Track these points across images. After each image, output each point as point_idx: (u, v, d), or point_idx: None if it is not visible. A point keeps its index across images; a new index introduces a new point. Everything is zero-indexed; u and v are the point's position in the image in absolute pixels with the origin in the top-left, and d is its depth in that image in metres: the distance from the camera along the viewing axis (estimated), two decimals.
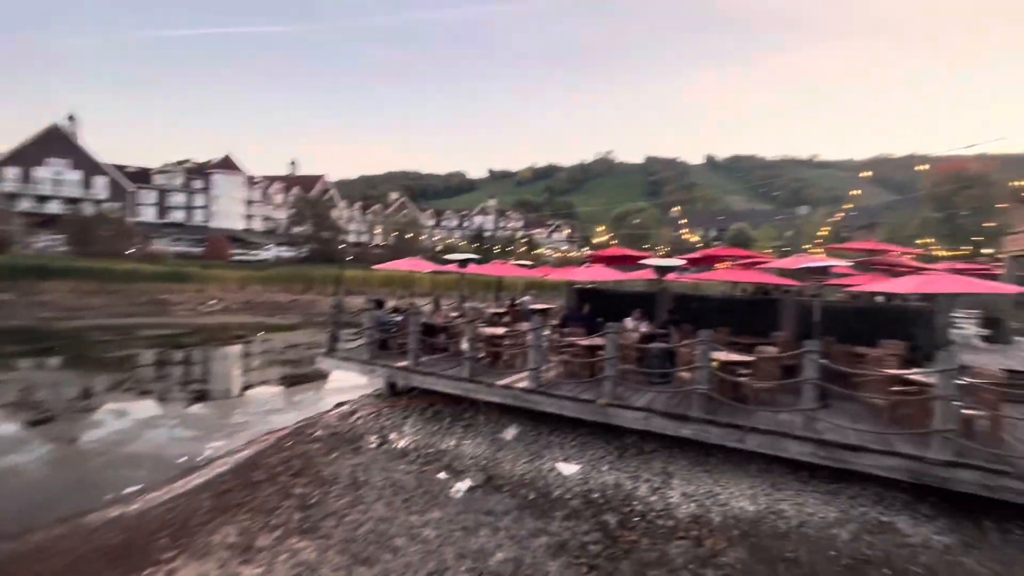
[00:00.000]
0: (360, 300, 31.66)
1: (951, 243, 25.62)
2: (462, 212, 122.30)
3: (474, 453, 8.74)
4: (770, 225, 78.78)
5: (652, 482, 7.48)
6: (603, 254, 14.58)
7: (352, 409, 10.96)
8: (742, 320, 12.20)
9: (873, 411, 7.68)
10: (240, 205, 77.16)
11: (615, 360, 8.11)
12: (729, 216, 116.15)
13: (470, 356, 9.43)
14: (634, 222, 76.35)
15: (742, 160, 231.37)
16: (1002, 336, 14.54)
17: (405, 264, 13.54)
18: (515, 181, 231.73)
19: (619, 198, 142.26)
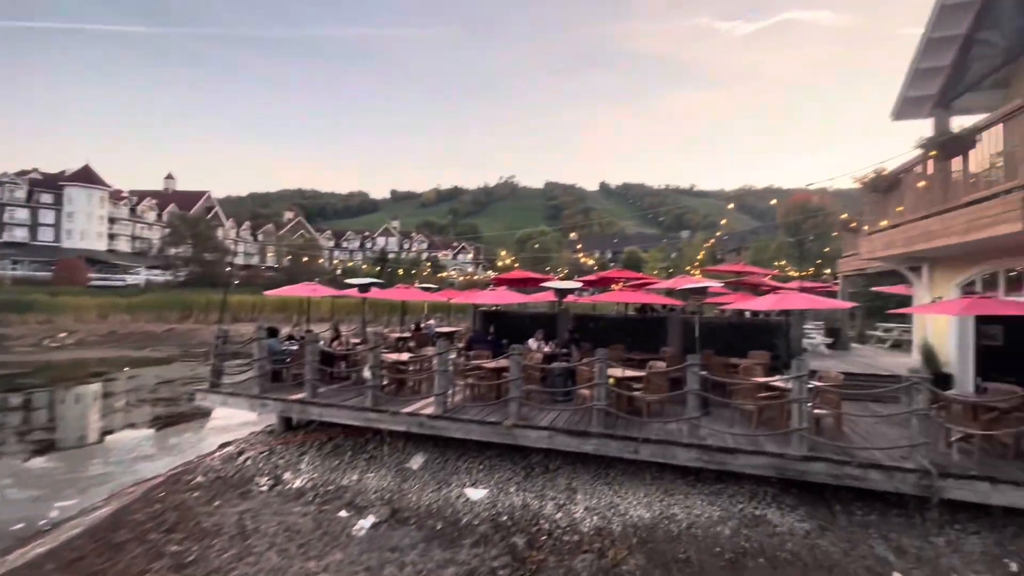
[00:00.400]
0: (250, 328, 29.14)
1: (801, 264, 29.96)
2: (364, 233, 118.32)
3: (378, 486, 8.38)
4: (657, 248, 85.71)
5: (557, 499, 7.69)
6: (507, 277, 14.94)
7: (239, 449, 9.99)
8: (635, 337, 13.12)
9: (745, 416, 8.62)
10: (101, 223, 67.92)
11: (520, 381, 8.30)
12: (622, 239, 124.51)
13: (373, 384, 9.10)
14: (535, 246, 78.97)
15: (632, 188, 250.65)
16: (841, 344, 17.11)
17: (301, 289, 12.75)
18: (419, 203, 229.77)
19: (521, 221, 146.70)
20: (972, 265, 8.92)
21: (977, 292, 8.83)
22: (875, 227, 10.23)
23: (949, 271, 9.53)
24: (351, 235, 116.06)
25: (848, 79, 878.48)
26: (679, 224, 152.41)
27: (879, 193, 10.04)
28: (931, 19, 10.19)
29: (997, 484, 6.18)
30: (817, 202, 42.11)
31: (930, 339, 10.04)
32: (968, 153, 7.48)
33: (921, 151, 8.31)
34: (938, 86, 10.94)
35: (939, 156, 7.94)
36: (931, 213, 8.09)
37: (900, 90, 11.33)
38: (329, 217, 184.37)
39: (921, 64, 10.77)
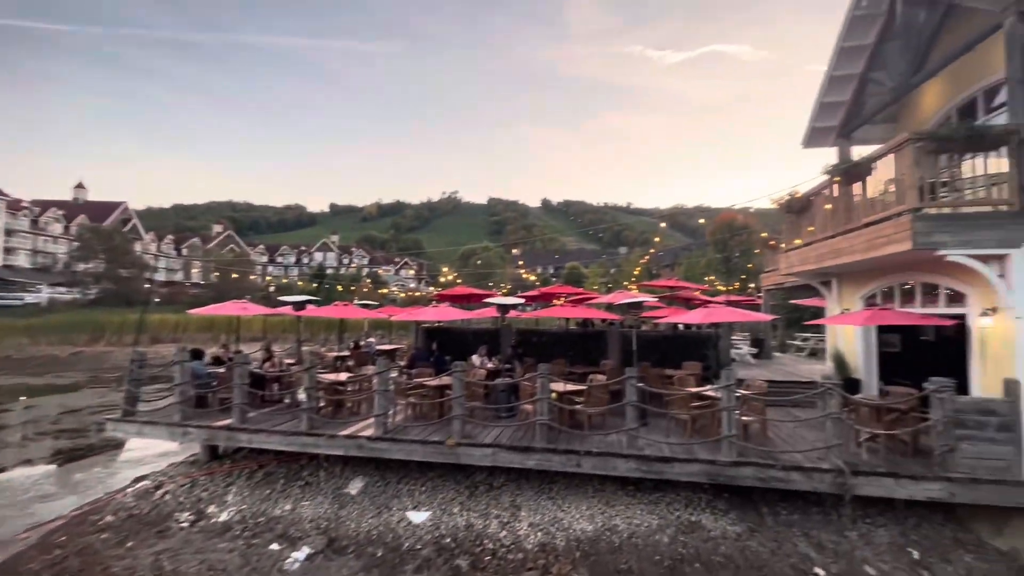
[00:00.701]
0: (172, 349, 27.02)
1: (728, 279, 31.91)
2: (300, 248, 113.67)
3: (314, 515, 7.96)
4: (597, 264, 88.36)
5: (501, 517, 7.63)
6: (449, 293, 14.85)
7: (156, 483, 9.19)
8: (577, 351, 13.39)
9: (680, 425, 8.98)
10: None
11: (463, 398, 8.22)
12: (564, 255, 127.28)
13: (308, 406, 8.69)
14: (478, 262, 79.10)
15: (573, 205, 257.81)
16: (765, 353, 18.30)
17: (229, 307, 12.00)
18: (360, 217, 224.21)
19: (465, 236, 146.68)
20: (873, 280, 9.88)
21: (878, 304, 9.77)
22: (791, 245, 11.11)
23: (854, 285, 10.50)
24: (286, 250, 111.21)
25: (767, 108, 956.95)
26: (617, 240, 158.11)
27: (793, 214, 10.93)
28: (832, 59, 11.34)
29: (900, 479, 6.79)
30: (742, 221, 45.22)
31: (841, 347, 10.96)
32: (866, 179, 8.33)
33: (827, 176, 9.16)
34: (840, 118, 12.15)
35: (842, 181, 8.78)
36: (837, 233, 8.90)
37: (809, 121, 12.47)
38: (263, 231, 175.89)
39: (825, 98, 11.93)
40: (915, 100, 11.17)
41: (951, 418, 6.70)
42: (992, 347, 7.30)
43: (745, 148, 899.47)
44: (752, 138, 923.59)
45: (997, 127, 6.88)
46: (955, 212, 7.00)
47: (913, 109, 11.36)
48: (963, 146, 6.87)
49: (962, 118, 9.63)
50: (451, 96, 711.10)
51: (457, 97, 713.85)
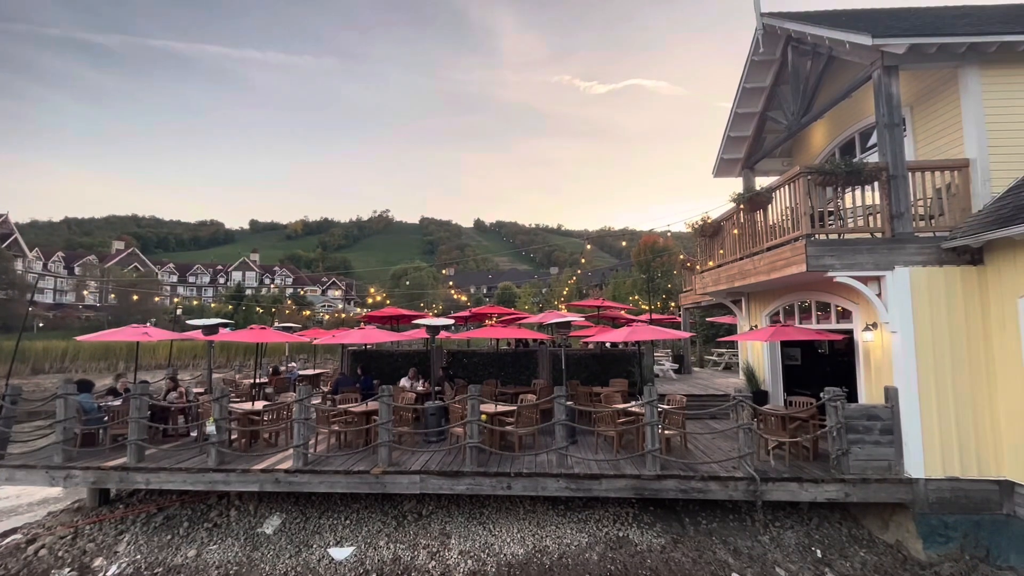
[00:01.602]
0: (56, 381, 23.92)
1: (651, 299, 33.67)
2: (216, 267, 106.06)
3: (222, 560, 7.27)
4: (529, 284, 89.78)
5: (430, 547, 7.38)
6: (378, 314, 14.41)
7: (30, 537, 8.02)
8: (508, 372, 13.43)
9: (608, 441, 9.20)
10: None
11: (390, 424, 7.94)
12: (496, 275, 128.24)
13: (218, 439, 7.99)
14: (407, 283, 77.75)
15: (505, 226, 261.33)
16: (685, 368, 19.32)
17: (128, 333, 10.83)
18: (284, 234, 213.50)
19: (396, 256, 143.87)
20: (776, 298, 10.78)
21: (781, 321, 10.66)
22: (705, 267, 11.90)
23: (761, 303, 11.40)
24: (200, 269, 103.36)
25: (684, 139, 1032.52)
26: (549, 261, 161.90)
27: (706, 238, 11.75)
28: (736, 97, 12.47)
29: (803, 483, 7.34)
30: (663, 243, 47.98)
31: (751, 361, 11.81)
32: (767, 207, 9.15)
33: (733, 204, 9.96)
34: (744, 151, 13.32)
35: (747, 208, 9.58)
36: (744, 255, 9.66)
37: (718, 152, 13.56)
38: (173, 249, 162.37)
39: (731, 132, 13.05)
40: (806, 137, 12.50)
41: (843, 424, 7.38)
42: (874, 358, 8.17)
43: (665, 175, 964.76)
44: (671, 166, 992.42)
45: (870, 164, 7.83)
46: (840, 238, 7.84)
47: (805, 145, 12.70)
48: (844, 180, 7.74)
49: (843, 155, 10.89)
50: (383, 115, 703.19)
51: (390, 116, 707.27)
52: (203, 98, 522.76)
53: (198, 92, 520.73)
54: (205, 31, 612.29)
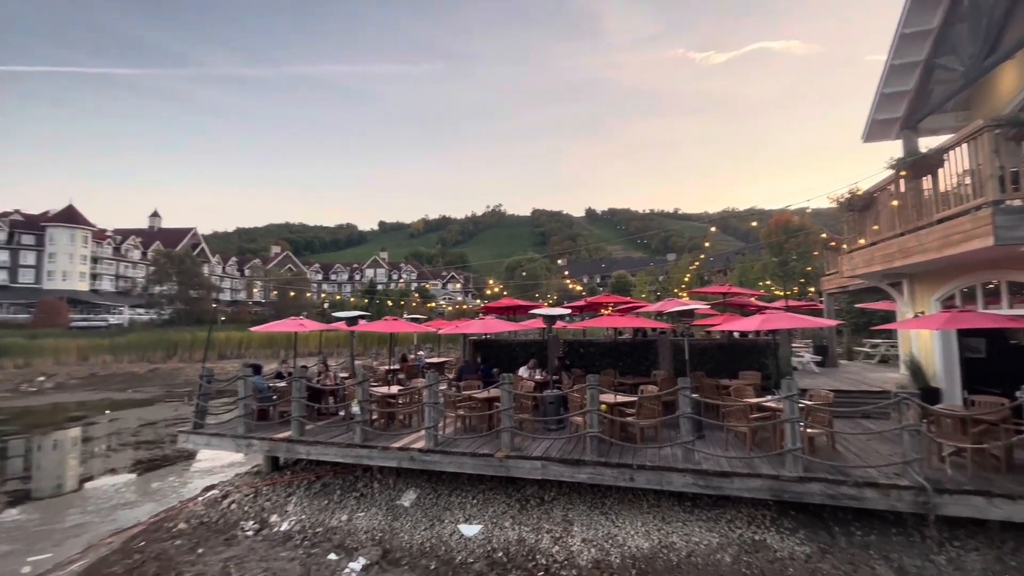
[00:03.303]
0: (237, 365, 28.58)
1: (785, 284, 30.33)
2: (352, 266, 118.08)
3: (368, 526, 8.12)
4: (645, 271, 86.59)
5: (553, 532, 7.51)
6: (495, 305, 14.93)
7: (224, 492, 9.67)
8: (626, 362, 13.10)
9: (739, 438, 8.57)
10: (84, 263, 67.07)
11: (511, 411, 8.20)
12: (610, 264, 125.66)
13: (362, 419, 8.92)
14: (523, 273, 79.27)
15: (618, 213, 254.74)
16: (830, 361, 17.21)
17: (288, 324, 12.58)
18: (407, 233, 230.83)
19: (510, 249, 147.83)
20: (950, 279, 9.12)
21: (956, 306, 9.00)
22: (854, 245, 10.45)
23: (929, 286, 9.73)
24: (339, 268, 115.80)
25: (819, 104, 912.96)
26: (665, 247, 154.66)
27: (855, 212, 10.30)
28: (892, 47, 10.68)
29: (992, 498, 6.16)
30: (798, 222, 43.10)
31: (916, 354, 10.15)
32: (937, 172, 7.74)
33: (892, 171, 8.58)
34: (904, 109, 11.38)
35: (910, 175, 8.20)
36: (907, 231, 8.30)
37: (869, 113, 11.76)
38: (317, 250, 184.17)
39: (886, 89, 11.23)
40: (990, 84, 10.32)
41: None
42: None
43: (798, 147, 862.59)
44: (805, 136, 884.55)
45: None
46: None
47: (988, 94, 10.50)
48: None
49: None
50: (493, 111, 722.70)
51: (498, 112, 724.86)
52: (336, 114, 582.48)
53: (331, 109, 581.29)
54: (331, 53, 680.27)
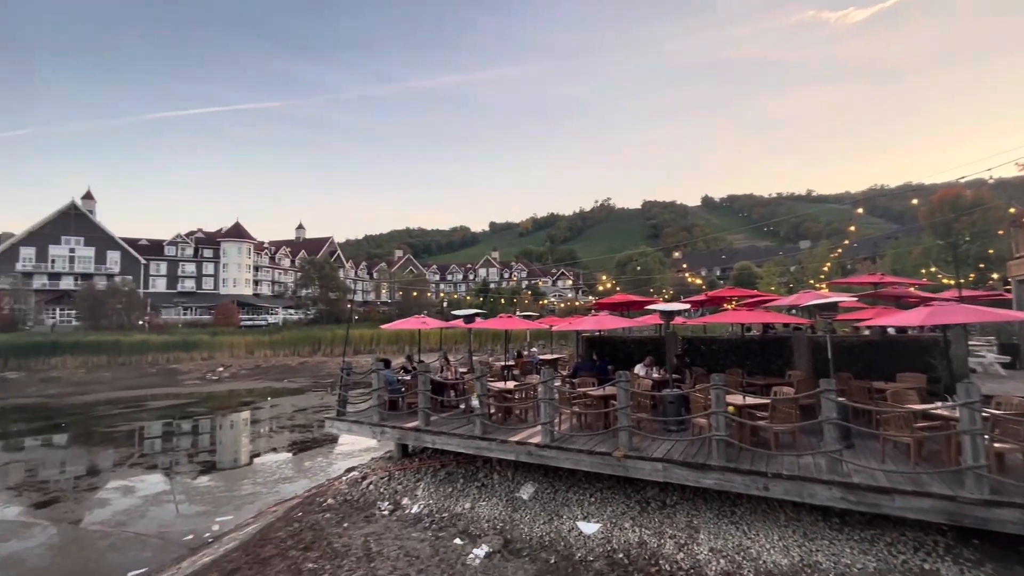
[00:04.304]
0: (369, 359, 31.52)
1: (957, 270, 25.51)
2: (466, 266, 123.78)
3: (490, 515, 8.44)
4: (773, 262, 78.92)
5: (677, 538, 7.15)
6: (608, 301, 14.62)
7: (363, 474, 10.70)
8: (755, 361, 12.05)
9: (900, 449, 7.42)
10: (248, 271, 78.60)
11: (628, 409, 7.96)
12: (731, 255, 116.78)
13: (481, 412, 9.29)
14: (637, 267, 76.63)
15: (738, 199, 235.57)
16: (1023, 362, 14.21)
17: (412, 322, 13.57)
18: (517, 232, 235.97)
19: (620, 243, 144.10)
20: None
21: None
22: None
23: None
24: (455, 268, 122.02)
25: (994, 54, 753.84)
26: (796, 234, 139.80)
27: None
28: None
29: None
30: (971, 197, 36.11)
31: None
32: None
33: None
34: None
35: None
36: None
37: None
38: (434, 253, 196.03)
39: None
40: None
41: None
42: None
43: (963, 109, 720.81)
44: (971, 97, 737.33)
45: None
46: None
47: None
48: None
49: None
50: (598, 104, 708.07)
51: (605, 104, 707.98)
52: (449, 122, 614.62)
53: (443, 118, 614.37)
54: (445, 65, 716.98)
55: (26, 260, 63.74)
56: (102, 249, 68.00)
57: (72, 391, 32.62)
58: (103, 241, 68.32)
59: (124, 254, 69.09)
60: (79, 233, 66.93)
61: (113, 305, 54.78)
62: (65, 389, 33.25)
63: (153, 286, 70.12)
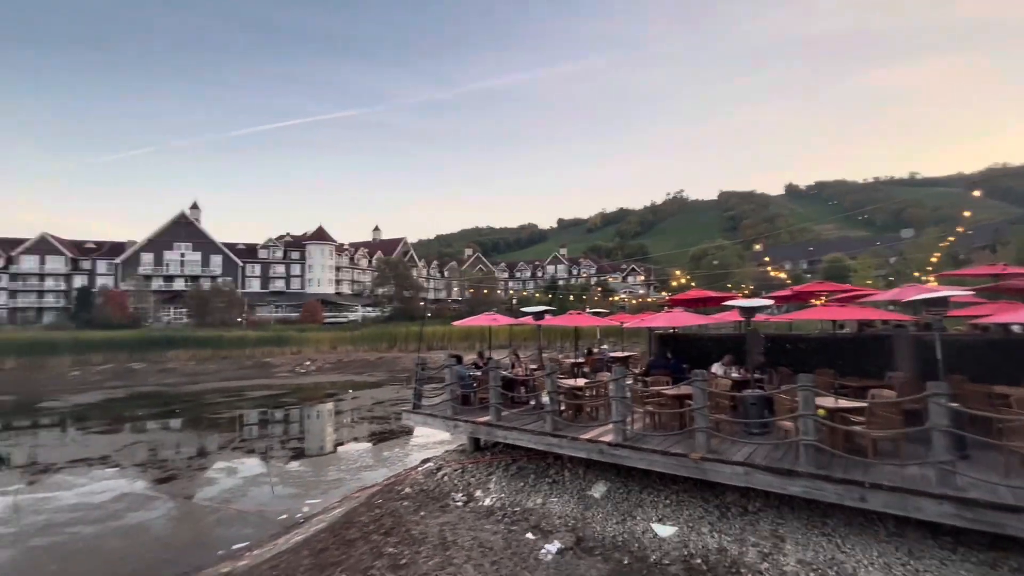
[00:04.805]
0: (441, 355, 32.59)
1: None
2: (534, 263, 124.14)
3: (562, 512, 8.43)
4: (869, 253, 72.26)
5: (761, 547, 6.77)
6: (683, 297, 14.07)
7: (438, 466, 11.07)
8: (848, 360, 11.11)
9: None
10: (331, 271, 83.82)
11: (706, 410, 7.63)
12: (819, 247, 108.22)
13: (551, 409, 9.29)
14: (714, 262, 73.07)
15: (828, 186, 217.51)
16: None
17: (482, 319, 13.86)
18: (585, 228, 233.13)
19: (694, 237, 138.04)
20: None
21: None
22: None
23: None
24: (523, 266, 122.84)
25: None
26: (897, 222, 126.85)
27: None
28: None
29: None
30: None
31: None
32: None
33: None
34: None
35: None
36: None
37: None
38: (502, 251, 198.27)
39: None
40: None
41: None
42: None
43: None
44: None
45: None
46: None
47: None
48: None
49: None
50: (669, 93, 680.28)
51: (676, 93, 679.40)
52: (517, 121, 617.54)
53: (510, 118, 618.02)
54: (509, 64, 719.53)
55: (146, 264, 72.23)
56: (207, 253, 75.56)
57: (184, 381, 36.54)
58: (207, 246, 75.86)
59: (225, 258, 76.29)
60: (188, 239, 74.83)
61: (216, 304, 60.76)
62: (178, 379, 37.32)
63: (249, 286, 76.79)
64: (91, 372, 39.19)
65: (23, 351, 41.37)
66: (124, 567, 9.21)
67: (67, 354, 41.81)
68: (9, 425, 23.60)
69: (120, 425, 22.98)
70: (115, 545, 10.15)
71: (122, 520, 11.40)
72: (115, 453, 17.49)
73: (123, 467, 15.88)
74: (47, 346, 42.60)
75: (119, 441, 19.47)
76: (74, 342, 43.59)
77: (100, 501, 12.63)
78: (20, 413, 26.23)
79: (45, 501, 12.74)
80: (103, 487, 13.79)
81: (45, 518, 11.58)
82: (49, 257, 71.11)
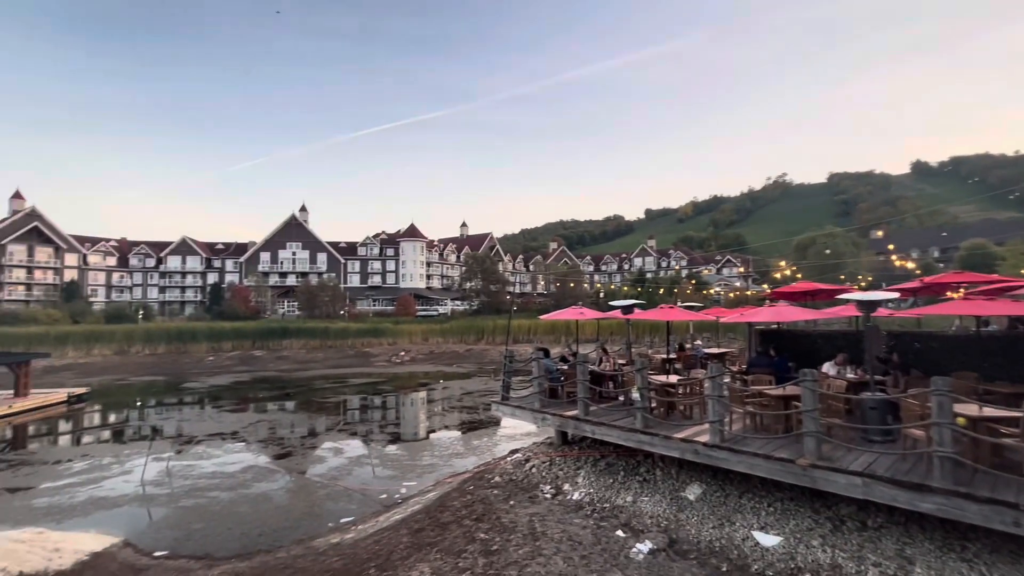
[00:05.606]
0: (528, 348, 32.96)
1: None
2: (621, 255, 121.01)
3: (653, 512, 8.18)
4: (1021, 238, 61.70)
5: (884, 567, 6.08)
6: (788, 290, 12.96)
7: (526, 457, 11.22)
8: (995, 363, 9.60)
9: None
10: (422, 266, 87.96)
11: (817, 413, 6.98)
12: (955, 232, 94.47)
13: (642, 406, 9.03)
14: (827, 251, 66.47)
15: (967, 161, 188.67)
16: None
17: (569, 313, 13.74)
18: (675, 218, 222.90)
19: (799, 224, 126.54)
20: None
21: None
22: None
23: None
24: (609, 258, 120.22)
25: None
26: None
27: None
28: None
29: None
30: None
31: None
32: None
33: None
34: None
35: None
36: None
37: None
38: (588, 243, 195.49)
39: None
40: None
41: None
42: None
43: None
44: None
45: None
46: None
47: None
48: None
49: None
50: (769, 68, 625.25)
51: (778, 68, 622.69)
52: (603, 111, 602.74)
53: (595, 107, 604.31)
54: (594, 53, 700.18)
55: (264, 262, 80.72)
56: (314, 252, 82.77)
57: (296, 368, 40.39)
58: (314, 245, 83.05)
59: (329, 255, 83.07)
60: (298, 239, 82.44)
61: (322, 298, 66.42)
62: (292, 366, 41.32)
63: (350, 281, 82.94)
64: (222, 358, 44.73)
65: (172, 338, 48.37)
66: (253, 529, 10.41)
67: (204, 341, 48.26)
68: (161, 402, 27.69)
69: (246, 405, 26.04)
70: (244, 510, 11.50)
71: (250, 489, 12.90)
72: (242, 429, 19.83)
73: (249, 442, 17.94)
74: (189, 334, 49.39)
75: (245, 419, 22.05)
76: (209, 331, 50.17)
77: (232, 471, 14.37)
78: (170, 392, 30.65)
79: (190, 468, 14.75)
80: (234, 459, 15.69)
81: (190, 483, 13.42)
82: (189, 257, 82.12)
